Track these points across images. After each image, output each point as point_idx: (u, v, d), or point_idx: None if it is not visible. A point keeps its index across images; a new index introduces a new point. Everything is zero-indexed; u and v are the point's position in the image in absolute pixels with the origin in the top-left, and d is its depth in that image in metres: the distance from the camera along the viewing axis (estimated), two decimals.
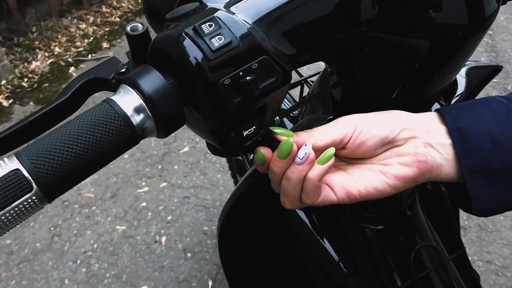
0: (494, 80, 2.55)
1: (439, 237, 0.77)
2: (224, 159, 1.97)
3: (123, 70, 0.38)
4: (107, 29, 3.23)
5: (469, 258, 1.58)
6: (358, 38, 0.43)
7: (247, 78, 0.35)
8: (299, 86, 0.78)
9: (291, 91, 0.92)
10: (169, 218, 1.75)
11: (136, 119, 0.34)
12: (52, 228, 1.72)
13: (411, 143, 0.41)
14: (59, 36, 3.05)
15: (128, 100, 0.34)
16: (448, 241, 0.83)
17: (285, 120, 0.91)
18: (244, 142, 0.40)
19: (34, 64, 2.74)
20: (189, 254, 1.61)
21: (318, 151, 0.40)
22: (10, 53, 2.77)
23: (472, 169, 0.39)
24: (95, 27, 3.23)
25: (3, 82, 2.55)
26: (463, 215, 1.73)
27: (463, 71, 0.57)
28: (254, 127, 0.39)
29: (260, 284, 0.76)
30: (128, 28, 0.38)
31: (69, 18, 3.26)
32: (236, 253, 0.74)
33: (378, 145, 0.41)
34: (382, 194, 0.41)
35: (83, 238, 1.68)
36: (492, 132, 0.39)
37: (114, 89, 0.38)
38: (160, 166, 1.99)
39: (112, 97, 0.35)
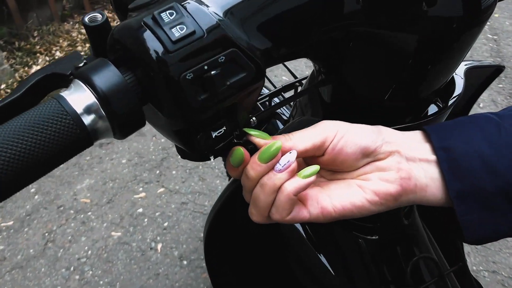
0: (500, 85, 2.50)
1: (440, 248, 0.73)
2: (222, 164, 1.94)
3: (82, 64, 0.35)
4: None
5: (474, 268, 1.53)
6: (341, 33, 0.40)
7: (212, 72, 0.31)
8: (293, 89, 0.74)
9: (286, 94, 0.88)
10: (165, 224, 1.71)
11: (88, 118, 0.31)
12: (46, 234, 1.69)
13: (393, 158, 0.37)
14: (61, 41, 3.03)
15: (79, 97, 0.31)
16: (449, 251, 0.79)
17: (278, 122, 0.87)
18: (214, 145, 0.36)
19: (34, 68, 2.72)
20: (185, 262, 1.57)
21: (296, 156, 0.37)
22: (10, 57, 2.76)
23: (460, 192, 0.35)
24: None
25: (3, 86, 2.53)
26: None
27: (461, 71, 0.53)
28: (224, 128, 0.35)
29: (246, 285, 0.73)
30: (86, 19, 0.35)
31: (71, 22, 3.24)
32: (223, 255, 0.71)
33: (359, 155, 0.37)
34: (361, 211, 0.37)
35: (77, 244, 1.64)
36: (482, 152, 0.35)
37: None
38: (158, 171, 1.95)
39: (62, 93, 0.32)
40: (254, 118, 0.40)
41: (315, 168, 0.36)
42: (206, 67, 0.31)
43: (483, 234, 0.36)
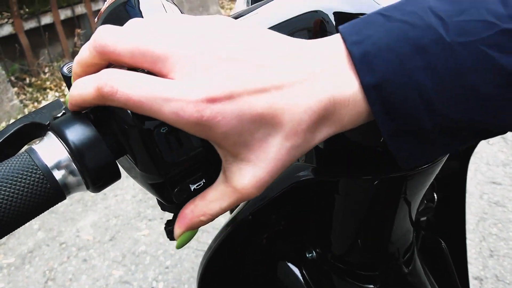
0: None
1: None
2: None
3: (60, 114, 0.34)
4: None
5: None
6: None
7: None
8: None
9: None
10: (168, 263, 1.68)
11: (59, 172, 0.30)
12: (47, 272, 1.66)
13: None
14: None
15: (51, 151, 0.30)
16: None
17: None
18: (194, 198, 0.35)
19: (43, 104, 2.76)
20: None
21: None
22: (21, 93, 2.80)
23: (394, 132, 0.29)
24: None
25: (12, 121, 2.56)
26: (478, 265, 1.62)
27: None
28: (204, 181, 0.34)
29: None
30: (65, 69, 0.34)
31: None
32: None
33: None
34: None
35: (78, 283, 1.62)
36: (422, 85, 0.27)
37: None
38: None
39: (33, 146, 0.31)
40: None
41: None
42: None
43: (417, 162, 0.32)
